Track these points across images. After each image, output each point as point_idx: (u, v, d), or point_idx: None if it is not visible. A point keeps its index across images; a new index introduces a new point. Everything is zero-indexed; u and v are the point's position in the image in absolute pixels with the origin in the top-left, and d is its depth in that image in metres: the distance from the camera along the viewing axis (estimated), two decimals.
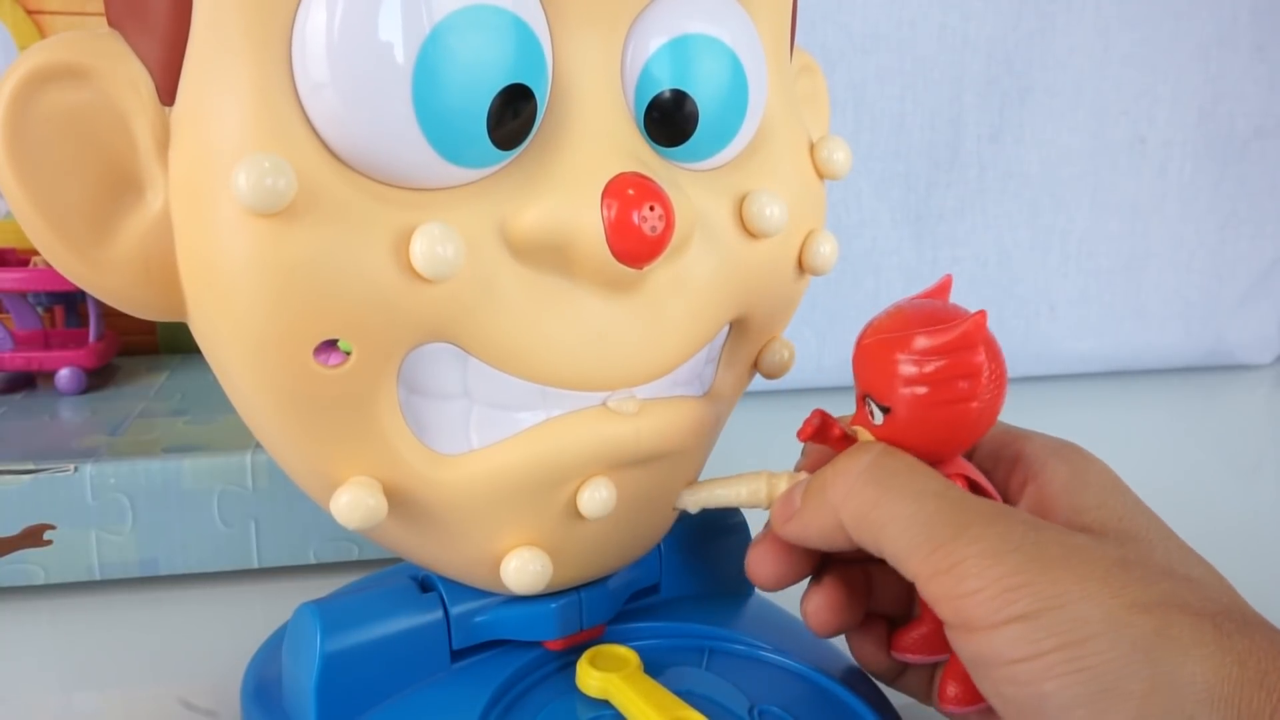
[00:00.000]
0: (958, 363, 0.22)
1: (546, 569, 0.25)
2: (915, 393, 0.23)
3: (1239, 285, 0.72)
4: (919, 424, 0.23)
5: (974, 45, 0.63)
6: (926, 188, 0.66)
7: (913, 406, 0.23)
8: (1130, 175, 0.68)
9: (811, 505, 0.24)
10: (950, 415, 0.23)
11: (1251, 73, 0.68)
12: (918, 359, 0.23)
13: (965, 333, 0.22)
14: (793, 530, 0.24)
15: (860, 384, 0.24)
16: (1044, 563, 0.20)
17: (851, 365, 0.24)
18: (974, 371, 0.23)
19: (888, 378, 0.23)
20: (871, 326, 0.24)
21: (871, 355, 0.24)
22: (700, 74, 0.24)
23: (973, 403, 0.23)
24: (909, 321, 0.23)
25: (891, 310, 0.24)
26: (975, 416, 0.23)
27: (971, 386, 0.23)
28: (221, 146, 0.20)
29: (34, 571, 0.37)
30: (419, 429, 0.23)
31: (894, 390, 0.23)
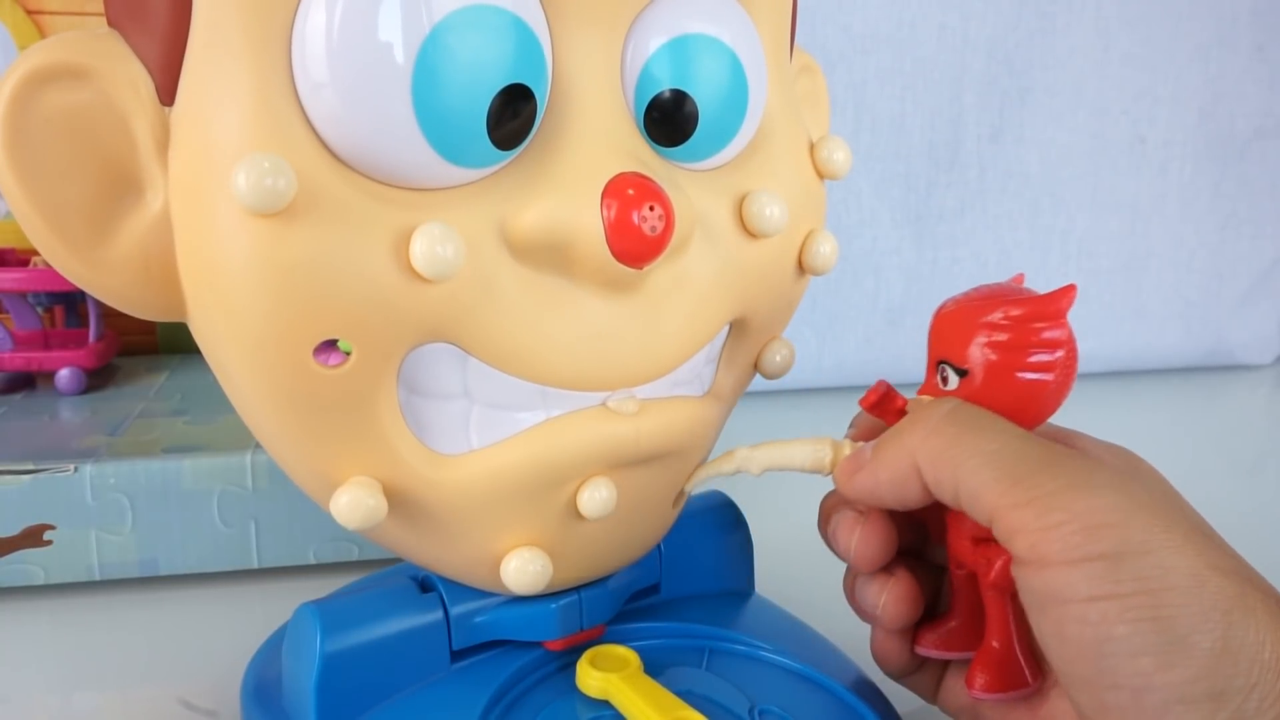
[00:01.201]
0: (1043, 332, 0.23)
1: (546, 569, 0.25)
2: (995, 357, 0.23)
3: (1239, 285, 0.72)
4: (994, 390, 0.23)
5: (974, 45, 0.63)
6: (926, 188, 0.66)
7: (991, 371, 0.23)
8: (1130, 175, 0.68)
9: (886, 452, 0.24)
10: (1026, 387, 0.23)
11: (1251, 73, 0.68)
12: (1006, 323, 0.23)
13: (1057, 303, 0.23)
14: (862, 481, 0.24)
15: (936, 350, 0.25)
16: (1133, 507, 0.20)
17: (929, 336, 0.25)
18: (1057, 344, 0.23)
19: (969, 340, 0.23)
20: (952, 299, 0.25)
21: (954, 320, 0.24)
22: (700, 74, 0.24)
23: (1049, 376, 0.23)
24: (991, 295, 0.24)
25: (970, 290, 0.25)
26: (1048, 392, 0.23)
27: (1052, 360, 0.23)
28: (221, 146, 0.20)
29: (34, 571, 0.37)
30: (419, 429, 0.23)
31: (974, 353, 0.23)
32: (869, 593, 0.26)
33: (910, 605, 0.26)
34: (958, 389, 0.24)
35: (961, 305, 0.24)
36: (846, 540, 0.26)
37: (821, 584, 0.30)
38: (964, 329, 0.24)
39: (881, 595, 0.26)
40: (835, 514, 0.27)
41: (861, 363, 0.66)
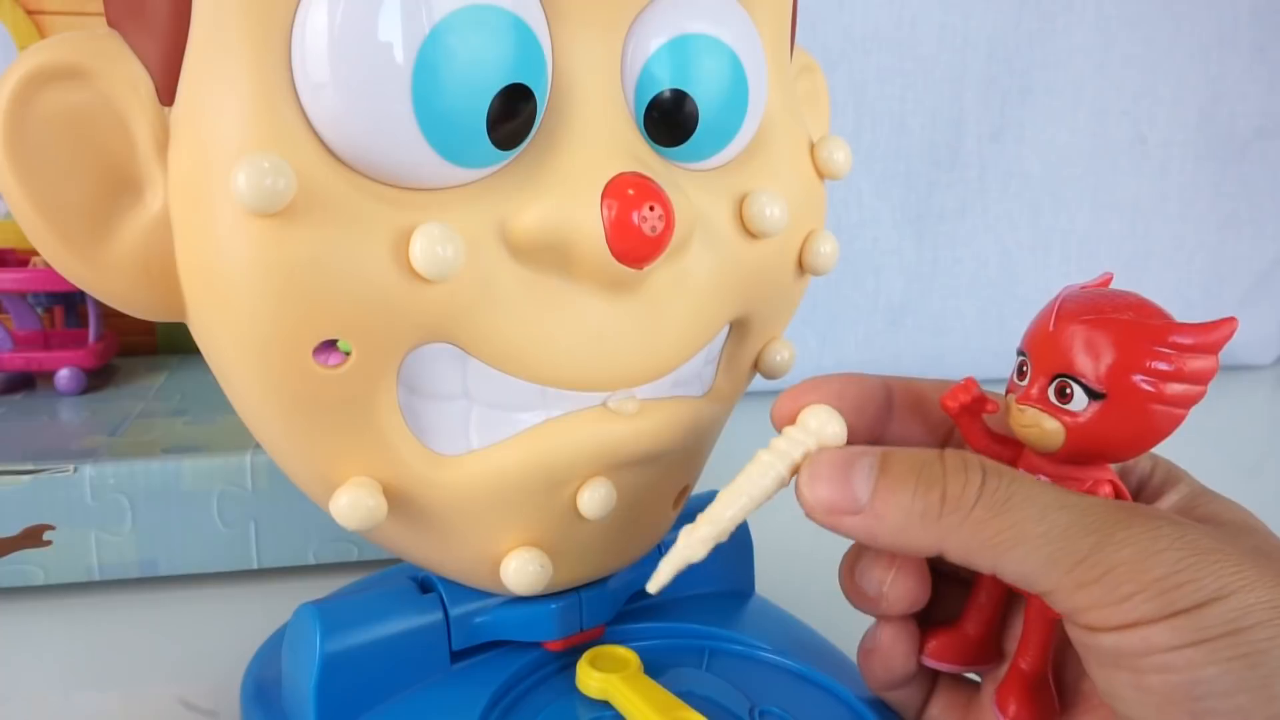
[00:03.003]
0: (1197, 366, 0.21)
1: (546, 569, 0.25)
2: (1147, 385, 0.21)
3: (1239, 285, 0.72)
4: (1128, 419, 0.21)
5: (974, 45, 0.63)
6: (927, 188, 0.66)
7: (1137, 399, 0.21)
8: (1130, 175, 0.68)
9: (895, 518, 0.21)
10: (1161, 418, 0.21)
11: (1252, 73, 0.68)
12: (1170, 352, 0.21)
13: (1222, 336, 0.21)
14: (855, 528, 0.22)
15: (1057, 359, 0.22)
16: (1199, 554, 0.19)
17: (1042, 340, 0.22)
18: (1206, 379, 0.21)
19: (1126, 364, 0.21)
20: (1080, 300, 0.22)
21: (1105, 334, 0.21)
22: (700, 74, 0.23)
23: (1183, 411, 0.21)
24: (1140, 305, 0.22)
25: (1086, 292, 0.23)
26: (1175, 424, 0.22)
27: (1195, 394, 0.21)
28: (221, 147, 0.20)
29: (34, 572, 0.37)
30: (419, 429, 0.23)
31: (1124, 378, 0.21)
32: (875, 570, 0.24)
33: (920, 588, 0.24)
34: (1086, 411, 0.21)
35: (1105, 315, 0.22)
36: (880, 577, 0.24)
37: (821, 584, 0.30)
38: (1121, 348, 0.21)
39: (890, 572, 0.24)
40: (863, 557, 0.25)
41: (861, 363, 0.66)
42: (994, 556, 0.20)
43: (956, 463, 0.21)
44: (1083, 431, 0.21)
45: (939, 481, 0.21)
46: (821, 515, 0.22)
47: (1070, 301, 0.22)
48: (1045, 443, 0.22)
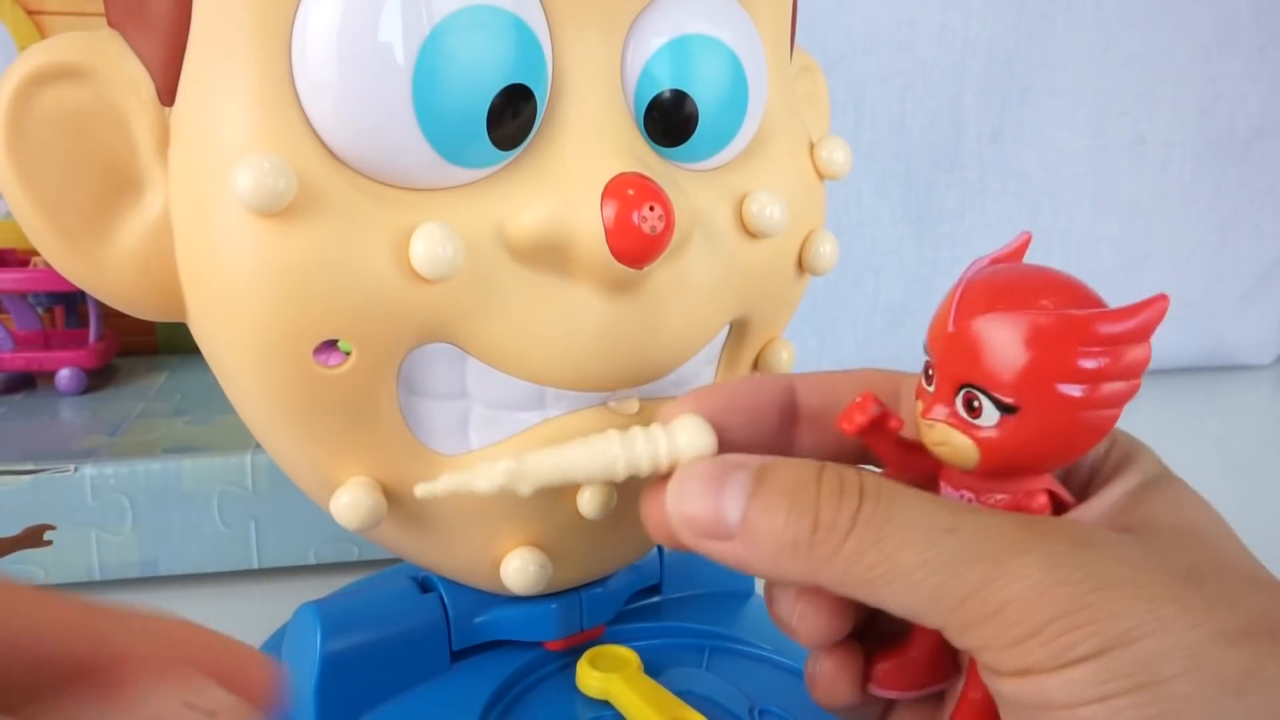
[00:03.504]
0: (1131, 358, 0.17)
1: (546, 569, 0.25)
2: (1072, 391, 0.17)
3: (1239, 285, 0.72)
4: (1049, 431, 0.18)
5: (974, 45, 0.63)
6: (926, 188, 0.66)
7: (1053, 408, 0.17)
8: (1130, 175, 0.68)
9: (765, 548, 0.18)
10: (1091, 424, 0.18)
11: (1252, 73, 0.68)
12: (1096, 349, 0.17)
13: (1153, 318, 0.17)
14: (726, 555, 0.19)
15: (961, 370, 0.18)
16: (1102, 589, 0.16)
17: (942, 344, 0.19)
18: (1139, 370, 0.18)
19: (1030, 367, 0.17)
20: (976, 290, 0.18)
21: (1007, 333, 0.18)
22: (700, 74, 0.24)
23: (1117, 410, 0.18)
24: (1048, 291, 0.18)
25: (1002, 275, 0.19)
26: (1108, 426, 0.18)
27: (1127, 390, 0.18)
28: (221, 147, 0.20)
29: (34, 572, 0.37)
30: (419, 429, 0.23)
31: (1036, 385, 0.17)
32: (782, 600, 0.21)
33: (835, 620, 0.21)
34: (998, 428, 0.18)
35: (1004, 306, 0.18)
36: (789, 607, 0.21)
37: None
38: (1035, 350, 0.17)
39: (797, 604, 0.21)
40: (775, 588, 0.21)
41: (861, 363, 0.66)
42: (871, 591, 0.18)
43: (833, 485, 0.18)
44: (997, 448, 0.18)
45: (811, 506, 0.18)
46: (688, 537, 0.19)
47: (973, 289, 0.18)
48: (959, 461, 0.19)
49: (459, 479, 0.20)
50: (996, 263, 0.20)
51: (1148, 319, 0.17)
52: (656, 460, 0.20)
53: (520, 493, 0.20)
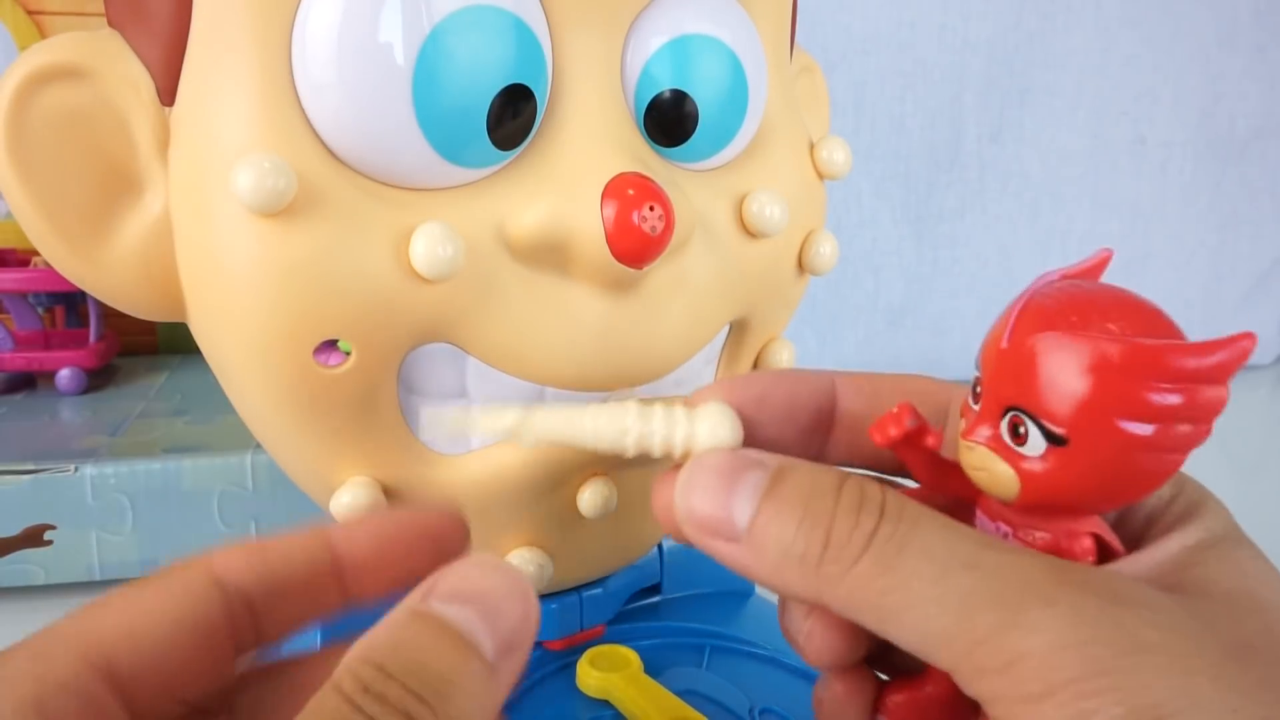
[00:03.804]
0: (1205, 398, 0.15)
1: (546, 569, 0.25)
2: (1130, 429, 0.15)
3: (1239, 285, 0.72)
4: (1101, 471, 0.16)
5: (974, 45, 0.63)
6: (926, 188, 0.66)
7: (1110, 445, 0.15)
8: (1130, 175, 0.68)
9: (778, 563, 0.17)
10: (1148, 466, 0.16)
11: (1252, 73, 0.68)
12: (1163, 384, 0.15)
13: (1231, 356, 0.15)
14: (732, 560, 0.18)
15: (1011, 390, 0.16)
16: (1132, 654, 0.14)
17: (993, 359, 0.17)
18: (1214, 414, 0.16)
19: (1091, 395, 0.15)
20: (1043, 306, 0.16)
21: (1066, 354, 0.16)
22: (700, 74, 0.24)
23: (1181, 456, 0.16)
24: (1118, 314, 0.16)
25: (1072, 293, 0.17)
26: (1170, 471, 0.16)
27: (1194, 434, 0.16)
28: (222, 147, 0.20)
29: (34, 571, 0.37)
30: (419, 429, 0.23)
31: (1092, 417, 0.15)
32: (792, 616, 0.19)
33: (845, 643, 0.19)
34: (1044, 458, 0.16)
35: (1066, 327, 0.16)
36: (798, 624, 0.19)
37: None
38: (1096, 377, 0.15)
39: (806, 621, 0.19)
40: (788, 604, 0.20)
41: (861, 363, 0.66)
42: (879, 620, 0.16)
43: (852, 497, 0.17)
44: (1040, 481, 0.16)
45: (825, 519, 0.17)
46: (693, 533, 0.18)
47: (1035, 304, 0.17)
48: (997, 490, 0.17)
49: (468, 411, 0.20)
50: (1068, 278, 0.18)
51: (1228, 358, 0.15)
52: (670, 443, 0.19)
53: (523, 443, 0.19)
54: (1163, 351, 0.15)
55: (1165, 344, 0.15)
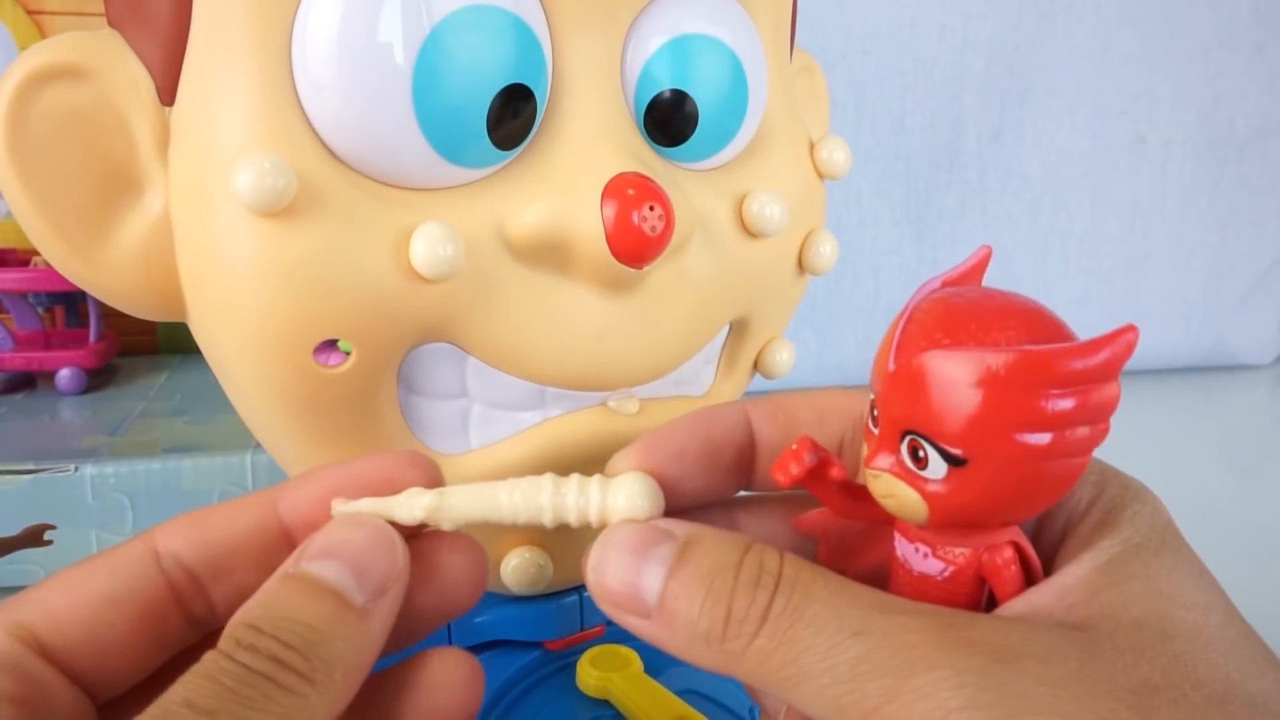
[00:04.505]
0: (1099, 398, 0.15)
1: (546, 569, 0.25)
2: (1028, 440, 0.15)
3: (1239, 285, 0.72)
4: (1006, 485, 0.15)
5: (974, 45, 0.63)
6: (926, 188, 0.66)
7: (1010, 459, 0.15)
8: (1130, 175, 0.68)
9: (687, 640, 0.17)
10: (1054, 473, 0.15)
11: (1251, 73, 0.68)
12: (1055, 390, 0.15)
13: (1116, 353, 0.15)
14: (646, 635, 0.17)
15: (905, 414, 0.16)
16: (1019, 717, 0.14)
17: (882, 383, 0.16)
18: (1109, 412, 0.15)
19: (981, 414, 0.15)
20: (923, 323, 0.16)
21: (949, 373, 0.15)
22: (700, 74, 0.24)
23: (1083, 458, 0.15)
24: (997, 323, 0.15)
25: (952, 303, 0.16)
26: (1077, 475, 0.16)
27: (1094, 435, 0.15)
28: (222, 146, 0.20)
29: (34, 571, 0.37)
30: (418, 429, 0.23)
31: (988, 434, 0.15)
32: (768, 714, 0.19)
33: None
34: (946, 481, 0.16)
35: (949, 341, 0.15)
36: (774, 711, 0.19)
37: None
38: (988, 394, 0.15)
39: None
40: None
41: (862, 362, 0.66)
42: (785, 694, 0.16)
43: (751, 572, 0.16)
44: (946, 504, 0.16)
45: (726, 596, 0.16)
46: (608, 609, 0.18)
47: (917, 320, 0.16)
48: (907, 515, 0.17)
49: (380, 503, 0.18)
50: (949, 285, 0.17)
51: (1113, 355, 0.15)
52: (586, 516, 0.19)
53: (442, 528, 0.19)
54: (1049, 358, 0.15)
55: (1050, 349, 0.15)
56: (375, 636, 0.17)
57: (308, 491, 0.19)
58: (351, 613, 0.16)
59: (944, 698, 0.14)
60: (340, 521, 0.18)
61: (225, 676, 0.15)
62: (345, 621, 0.16)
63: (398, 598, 0.17)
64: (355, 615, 0.16)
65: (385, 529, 0.18)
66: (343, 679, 0.16)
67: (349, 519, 0.18)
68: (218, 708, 0.14)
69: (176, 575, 0.18)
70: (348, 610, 0.16)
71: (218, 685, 0.15)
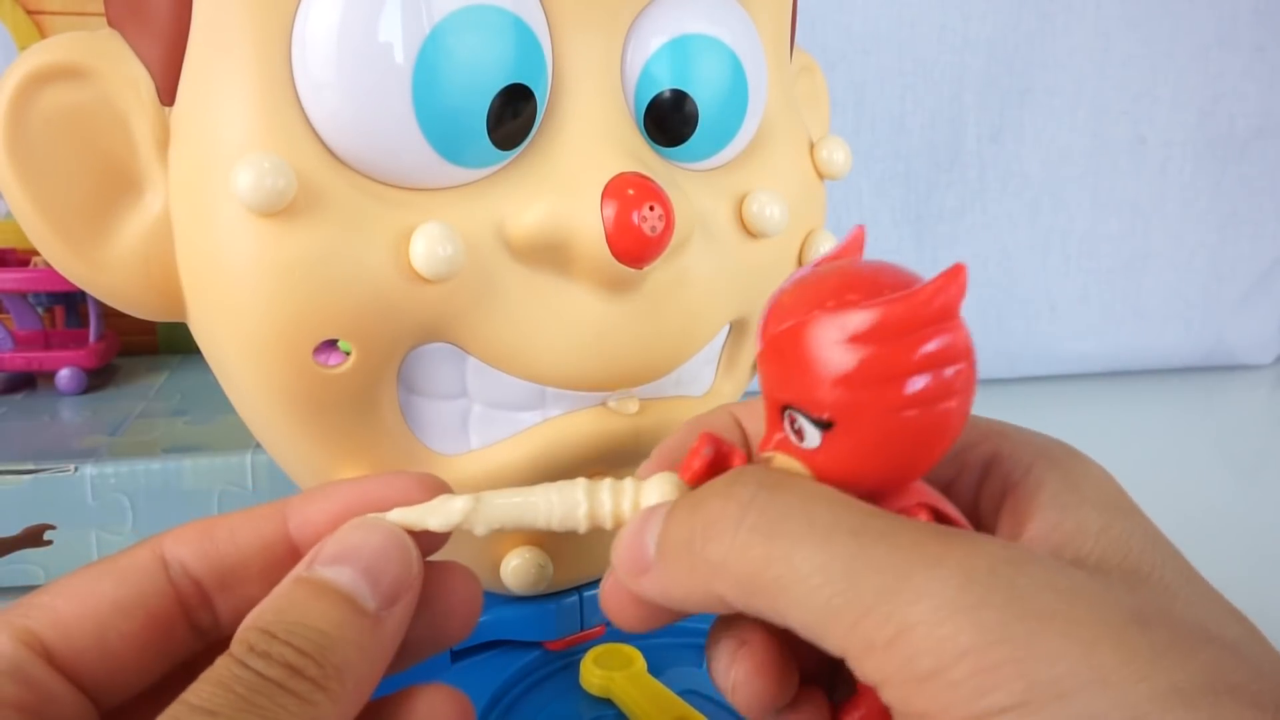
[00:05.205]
0: (927, 343, 0.15)
1: (546, 569, 0.25)
2: (872, 395, 0.15)
3: (1239, 285, 0.72)
4: (874, 441, 0.16)
5: (974, 45, 0.63)
6: (926, 188, 0.66)
7: (868, 415, 0.15)
8: (1130, 175, 0.68)
9: (676, 566, 0.17)
10: (919, 422, 0.15)
11: (1251, 73, 0.68)
12: (877, 340, 0.15)
13: (946, 296, 0.15)
14: (651, 590, 0.17)
15: (776, 389, 0.17)
16: (1031, 622, 0.13)
17: (759, 361, 0.17)
18: (957, 354, 0.15)
19: (827, 375, 0.15)
20: (782, 302, 0.17)
21: (797, 344, 0.16)
22: (700, 74, 0.24)
23: (950, 401, 0.15)
24: (842, 289, 0.16)
25: (807, 279, 0.17)
26: (950, 421, 0.16)
27: (949, 379, 0.15)
28: (222, 146, 0.20)
29: (34, 571, 0.37)
30: (418, 429, 0.23)
31: (838, 394, 0.15)
32: (717, 664, 0.18)
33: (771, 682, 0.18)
34: (821, 448, 0.16)
35: (810, 317, 0.16)
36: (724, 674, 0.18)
37: None
38: (817, 357, 0.15)
39: (731, 670, 0.18)
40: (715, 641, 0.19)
41: None
42: (770, 602, 0.15)
43: (727, 478, 0.17)
44: (828, 468, 0.16)
45: (705, 502, 0.16)
46: (627, 581, 0.18)
47: (777, 300, 0.17)
48: None
49: (409, 512, 0.18)
50: (821, 264, 0.17)
51: (947, 297, 0.15)
52: (621, 517, 0.18)
53: (476, 532, 0.18)
54: (880, 310, 0.15)
55: (876, 303, 0.15)
56: (387, 645, 0.17)
57: (318, 508, 0.18)
58: (364, 619, 0.16)
59: (950, 595, 0.14)
60: (354, 525, 0.18)
61: (238, 684, 0.15)
62: (358, 628, 0.16)
63: (410, 605, 0.17)
64: (369, 622, 0.16)
65: (399, 535, 0.17)
66: (354, 687, 0.16)
67: (363, 523, 0.18)
68: (232, 716, 0.14)
69: (184, 585, 0.18)
70: (361, 617, 0.16)
71: (231, 693, 0.15)
